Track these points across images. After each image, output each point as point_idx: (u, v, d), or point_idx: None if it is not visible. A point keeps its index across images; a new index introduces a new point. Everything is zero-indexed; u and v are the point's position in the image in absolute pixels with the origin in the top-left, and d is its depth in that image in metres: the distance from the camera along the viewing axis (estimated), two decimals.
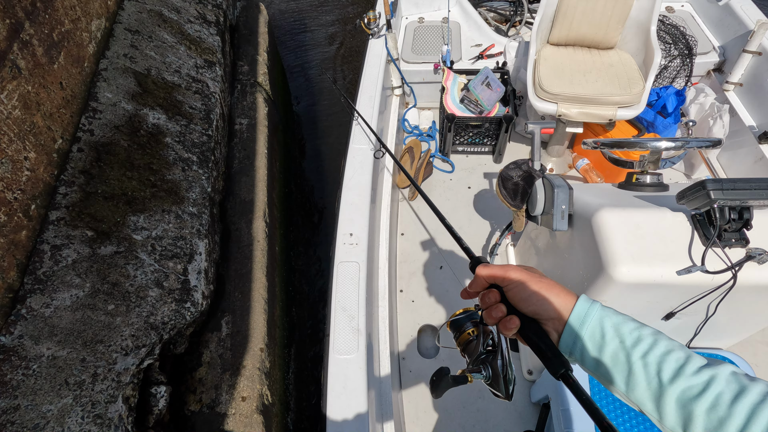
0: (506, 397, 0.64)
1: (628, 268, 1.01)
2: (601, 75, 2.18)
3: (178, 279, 1.63)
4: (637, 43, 2.32)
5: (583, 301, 0.56)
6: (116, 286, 1.47)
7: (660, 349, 0.50)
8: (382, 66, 2.46)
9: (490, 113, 2.49)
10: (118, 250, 1.53)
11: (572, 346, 0.55)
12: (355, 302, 1.51)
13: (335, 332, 1.44)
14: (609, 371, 0.52)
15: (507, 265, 0.61)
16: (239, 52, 3.00)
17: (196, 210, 1.86)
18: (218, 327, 1.84)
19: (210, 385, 1.70)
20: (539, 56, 2.30)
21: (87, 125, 1.73)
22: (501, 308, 0.59)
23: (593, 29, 2.29)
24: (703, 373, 0.47)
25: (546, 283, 0.58)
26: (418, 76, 2.83)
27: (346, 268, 1.61)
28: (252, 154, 2.46)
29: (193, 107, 2.17)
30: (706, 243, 0.98)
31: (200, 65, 2.39)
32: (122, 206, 1.63)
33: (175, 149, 1.95)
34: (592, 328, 0.54)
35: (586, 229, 1.15)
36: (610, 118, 2.13)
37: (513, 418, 1.77)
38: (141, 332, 1.44)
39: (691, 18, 2.88)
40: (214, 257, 1.92)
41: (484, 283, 0.62)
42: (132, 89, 1.96)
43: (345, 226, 1.73)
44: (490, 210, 2.48)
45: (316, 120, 4.32)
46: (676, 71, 2.67)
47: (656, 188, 1.29)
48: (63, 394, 1.22)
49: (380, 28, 2.61)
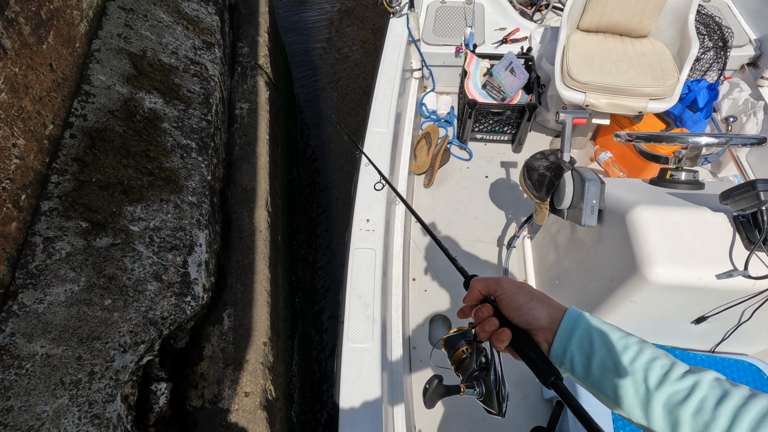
0: (499, 413, 0.64)
1: (665, 270, 0.95)
2: (633, 64, 2.07)
3: (177, 272, 1.57)
4: (672, 32, 2.20)
5: (572, 312, 0.58)
6: (113, 279, 1.40)
7: (645, 356, 0.52)
8: (402, 47, 2.37)
9: (512, 100, 2.39)
10: (114, 242, 1.47)
11: (562, 356, 0.57)
12: (371, 290, 1.48)
13: (350, 320, 1.42)
14: (598, 380, 0.54)
15: (500, 277, 0.63)
16: (239, 33, 2.88)
17: (196, 199, 1.79)
18: (220, 320, 1.78)
19: (212, 380, 1.65)
20: (568, 42, 2.20)
21: (80, 110, 1.64)
22: (494, 321, 0.61)
23: (627, 16, 2.17)
24: (688, 379, 0.49)
25: (537, 294, 0.61)
26: (439, 59, 2.73)
27: (362, 254, 1.58)
28: (253, 141, 2.38)
29: (192, 91, 2.08)
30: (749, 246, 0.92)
31: (198, 46, 2.28)
32: (118, 196, 1.56)
33: (173, 135, 1.86)
34: (581, 338, 0.56)
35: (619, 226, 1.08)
36: (640, 111, 2.03)
37: (524, 413, 1.73)
38: (139, 328, 1.38)
39: (728, 8, 2.74)
40: (215, 248, 1.86)
41: (479, 295, 0.64)
42: (127, 71, 1.86)
43: (362, 212, 1.68)
44: (507, 200, 2.40)
45: (318, 104, 4.20)
46: (708, 64, 2.55)
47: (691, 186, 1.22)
48: (58, 394, 1.17)
49: (402, 7, 2.50)
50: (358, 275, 1.52)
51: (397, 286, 1.80)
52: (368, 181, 1.78)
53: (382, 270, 1.54)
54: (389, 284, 1.77)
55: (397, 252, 1.92)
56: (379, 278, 1.51)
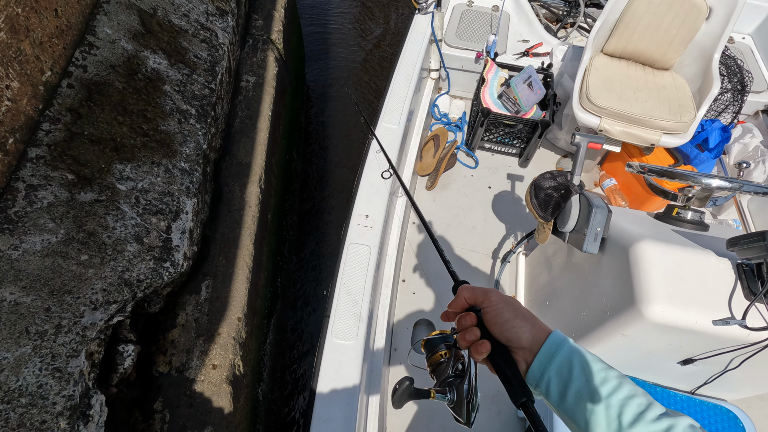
0: (467, 423, 0.64)
1: (662, 308, 0.95)
2: (651, 96, 2.06)
3: (159, 236, 1.55)
4: (695, 69, 2.19)
5: (555, 336, 0.57)
6: (92, 236, 1.39)
7: (623, 392, 0.51)
8: (424, 45, 2.33)
9: (526, 114, 2.37)
10: (98, 198, 1.45)
11: (539, 379, 0.56)
12: (361, 287, 1.47)
13: (336, 315, 1.41)
14: (572, 408, 0.53)
15: (489, 289, 0.63)
16: (255, 4, 2.84)
17: (188, 166, 1.77)
18: (197, 290, 1.77)
19: (182, 348, 1.65)
20: (591, 64, 2.18)
21: (81, 60, 1.61)
22: (475, 332, 0.60)
23: (653, 46, 2.16)
24: (662, 422, 0.48)
25: (523, 312, 0.60)
26: (458, 62, 2.70)
27: (356, 250, 1.56)
28: (255, 115, 2.35)
29: (198, 57, 2.04)
30: (749, 296, 0.92)
31: (211, 12, 2.24)
32: (109, 152, 1.54)
33: (173, 99, 1.84)
34: (561, 363, 0.55)
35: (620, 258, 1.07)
36: (652, 143, 2.02)
37: (497, 428, 1.73)
38: (113, 287, 1.37)
39: (750, 52, 2.73)
40: (202, 218, 1.84)
41: (465, 303, 0.63)
42: (134, 28, 1.83)
43: (361, 207, 1.66)
44: (507, 214, 2.39)
45: (327, 88, 4.16)
46: (725, 105, 2.54)
47: (697, 226, 1.21)
48: (22, 343, 1.16)
49: (429, 5, 2.47)
50: (350, 271, 1.50)
51: (387, 285, 1.79)
52: (373, 174, 1.75)
53: (375, 268, 1.52)
54: (380, 283, 1.75)
55: (392, 251, 1.89)
56: (371, 276, 1.49)
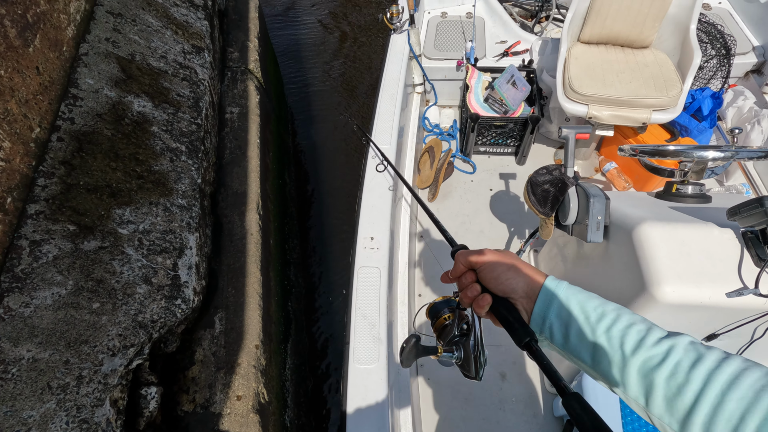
0: (476, 377, 0.66)
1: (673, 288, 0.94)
2: (635, 75, 2.08)
3: (167, 275, 1.55)
4: (674, 43, 2.20)
5: (550, 281, 0.59)
6: (101, 283, 1.39)
7: (622, 323, 0.53)
8: (404, 63, 2.37)
9: (515, 113, 2.40)
10: (102, 245, 1.45)
11: (542, 324, 0.58)
12: (376, 309, 1.48)
13: (355, 341, 1.42)
14: (576, 347, 0.55)
15: (483, 249, 0.65)
16: (229, 38, 2.89)
17: (186, 202, 1.78)
18: (211, 324, 1.76)
19: (203, 384, 1.63)
20: (569, 55, 2.20)
21: (67, 113, 1.63)
22: (476, 287, 0.63)
23: (628, 27, 2.18)
24: (663, 344, 0.49)
25: (517, 264, 0.62)
26: (440, 73, 2.74)
27: (367, 273, 1.57)
28: (244, 144, 2.37)
29: (181, 95, 2.07)
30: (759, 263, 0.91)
31: (188, 51, 2.28)
32: (106, 198, 1.54)
33: (162, 138, 1.85)
34: (559, 307, 0.57)
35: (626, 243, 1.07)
36: (643, 122, 2.04)
37: (533, 431, 1.72)
38: (129, 331, 1.36)
39: (729, 16, 2.75)
40: (206, 251, 1.84)
41: (462, 268, 0.65)
42: (115, 75, 1.85)
43: (366, 230, 1.68)
44: (511, 213, 2.40)
45: (310, 108, 4.21)
46: (712, 72, 2.55)
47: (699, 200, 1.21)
48: (45, 399, 1.14)
49: (403, 23, 2.51)
50: (363, 295, 1.52)
51: (403, 303, 1.78)
52: (373, 197, 1.77)
53: (387, 288, 1.53)
54: (395, 302, 1.75)
55: (402, 268, 1.89)
56: (384, 297, 1.51)
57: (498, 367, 1.87)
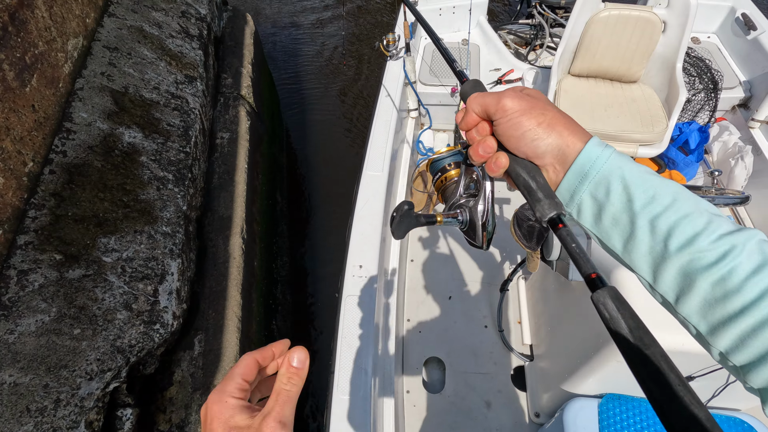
0: (483, 246, 0.57)
1: None
2: (623, 110, 2.15)
3: (147, 300, 1.65)
4: (661, 79, 2.27)
5: (592, 146, 0.45)
6: (83, 309, 1.49)
7: (676, 212, 0.41)
8: (399, 89, 2.44)
9: None
10: (86, 273, 1.55)
11: (568, 201, 0.47)
12: (362, 339, 1.49)
13: (340, 371, 1.43)
14: (607, 232, 0.45)
15: (503, 93, 0.49)
16: (224, 65, 3.02)
17: (170, 229, 1.88)
18: (191, 346, 1.85)
19: (180, 404, 1.72)
20: (560, 87, 2.29)
21: (60, 146, 1.74)
22: (490, 143, 0.49)
23: (617, 63, 2.26)
24: (723, 242, 0.39)
25: (549, 116, 0.47)
26: (435, 99, 2.82)
27: (354, 301, 1.59)
28: (232, 169, 2.48)
29: (171, 124, 2.19)
30: None
31: (180, 81, 2.40)
32: (93, 228, 1.65)
33: (150, 168, 1.97)
34: (597, 183, 0.45)
35: None
36: (631, 155, 2.12)
37: None
38: (107, 356, 1.45)
39: (718, 50, 2.82)
40: (189, 275, 1.94)
41: (475, 117, 0.50)
42: (108, 108, 1.97)
43: (355, 258, 1.70)
44: (503, 241, 2.41)
45: (306, 128, 4.34)
46: (700, 105, 2.62)
47: None
48: (23, 421, 1.24)
49: (399, 51, 2.59)
50: (349, 324, 1.52)
51: (391, 329, 1.80)
52: (363, 224, 1.79)
53: (374, 317, 1.55)
54: (382, 329, 1.78)
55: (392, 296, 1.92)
56: (371, 327, 1.52)
57: (483, 395, 1.90)
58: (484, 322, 2.11)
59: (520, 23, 3.38)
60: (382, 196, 1.93)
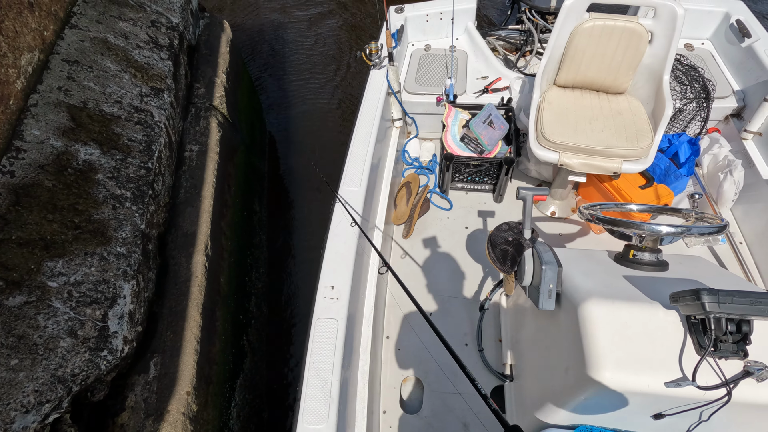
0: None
1: (612, 375, 0.95)
2: (608, 124, 2.08)
3: (95, 326, 1.60)
4: (648, 91, 2.21)
5: None
6: (22, 338, 1.44)
7: None
8: (381, 99, 2.39)
9: (491, 153, 2.41)
10: (28, 299, 1.51)
11: None
12: (330, 365, 1.45)
13: (306, 399, 1.39)
14: None
15: None
16: (197, 74, 2.97)
17: (125, 249, 1.83)
18: (146, 369, 1.81)
19: (132, 431, 1.67)
20: (544, 99, 2.22)
21: (8, 166, 1.70)
22: None
23: (603, 74, 2.20)
24: None
25: None
26: (421, 108, 2.77)
27: (323, 325, 1.55)
28: (199, 183, 2.43)
29: (133, 139, 2.14)
30: (700, 352, 0.92)
31: (145, 93, 2.35)
32: (38, 252, 1.60)
33: (106, 186, 1.92)
34: None
35: (573, 317, 1.08)
36: (614, 171, 2.05)
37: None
38: (46, 387, 1.41)
39: (711, 57, 2.74)
40: (146, 296, 1.89)
41: None
42: (63, 124, 1.93)
43: (327, 278, 1.66)
44: (484, 257, 2.37)
45: (291, 134, 4.28)
46: (691, 115, 2.53)
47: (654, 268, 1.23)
48: None
49: (381, 60, 2.54)
50: (318, 348, 1.49)
51: (365, 350, 1.76)
52: (337, 242, 1.75)
53: (343, 342, 1.51)
54: (356, 350, 1.73)
55: (368, 312, 1.88)
56: (340, 352, 1.48)
57: (461, 416, 1.87)
58: (464, 340, 2.07)
59: (510, 29, 3.31)
60: (360, 209, 1.88)
